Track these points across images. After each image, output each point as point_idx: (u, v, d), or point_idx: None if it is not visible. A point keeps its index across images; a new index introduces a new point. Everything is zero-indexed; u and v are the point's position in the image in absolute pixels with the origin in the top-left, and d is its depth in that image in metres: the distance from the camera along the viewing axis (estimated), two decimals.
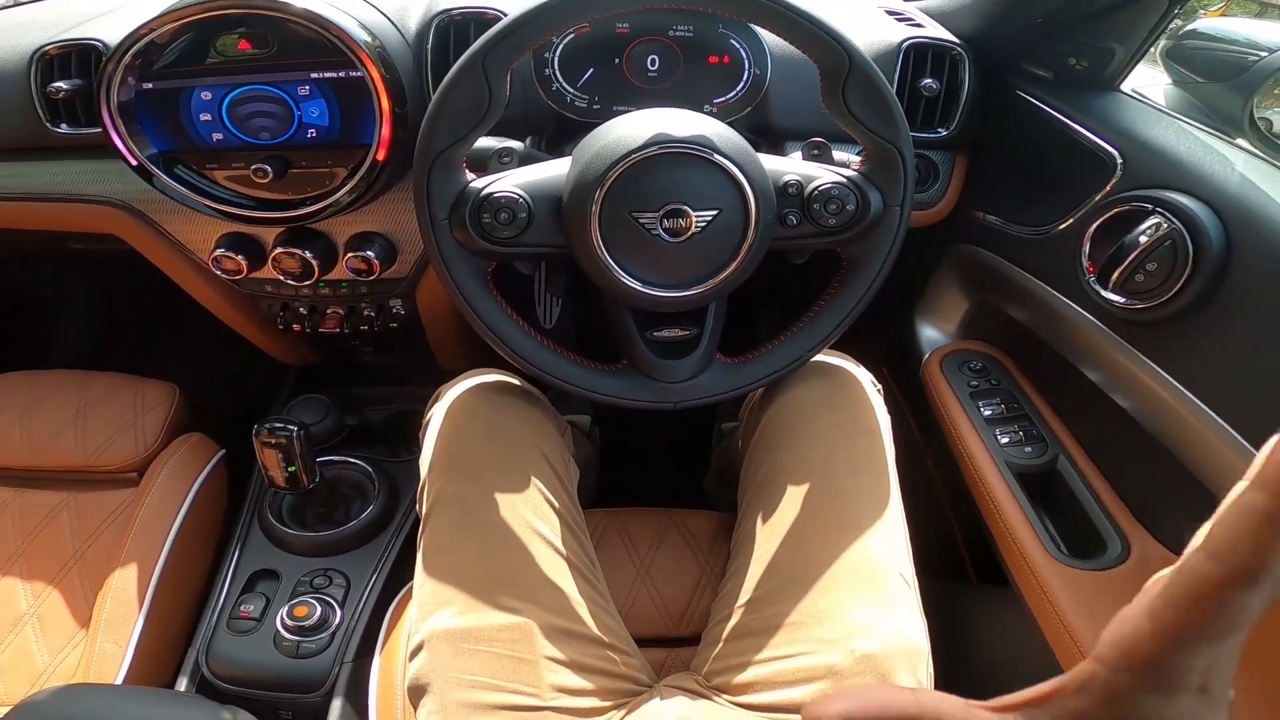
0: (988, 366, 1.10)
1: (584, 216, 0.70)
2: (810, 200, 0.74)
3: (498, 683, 0.70)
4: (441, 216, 0.73)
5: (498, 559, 0.75)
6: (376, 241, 1.03)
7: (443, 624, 0.72)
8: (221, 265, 1.01)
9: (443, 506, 0.79)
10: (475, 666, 0.70)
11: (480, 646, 0.71)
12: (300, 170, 0.92)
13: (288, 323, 1.17)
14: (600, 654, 0.75)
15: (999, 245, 1.04)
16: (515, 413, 0.86)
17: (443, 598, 0.74)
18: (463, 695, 0.69)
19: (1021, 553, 0.89)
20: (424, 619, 0.74)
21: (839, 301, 0.80)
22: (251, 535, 1.17)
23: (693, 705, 0.72)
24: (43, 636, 1.02)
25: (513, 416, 0.85)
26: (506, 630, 0.71)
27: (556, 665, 0.71)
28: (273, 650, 1.03)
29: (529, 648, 0.71)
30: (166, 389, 1.23)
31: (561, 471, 0.85)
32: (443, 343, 1.27)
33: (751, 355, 0.82)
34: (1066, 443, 0.98)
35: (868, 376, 0.89)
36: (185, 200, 0.93)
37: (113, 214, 1.04)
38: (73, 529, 1.11)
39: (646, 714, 0.71)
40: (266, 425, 1.00)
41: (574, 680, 0.72)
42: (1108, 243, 0.81)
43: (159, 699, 0.70)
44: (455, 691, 0.70)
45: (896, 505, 0.79)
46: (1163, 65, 1.15)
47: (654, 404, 0.80)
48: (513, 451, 0.82)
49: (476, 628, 0.72)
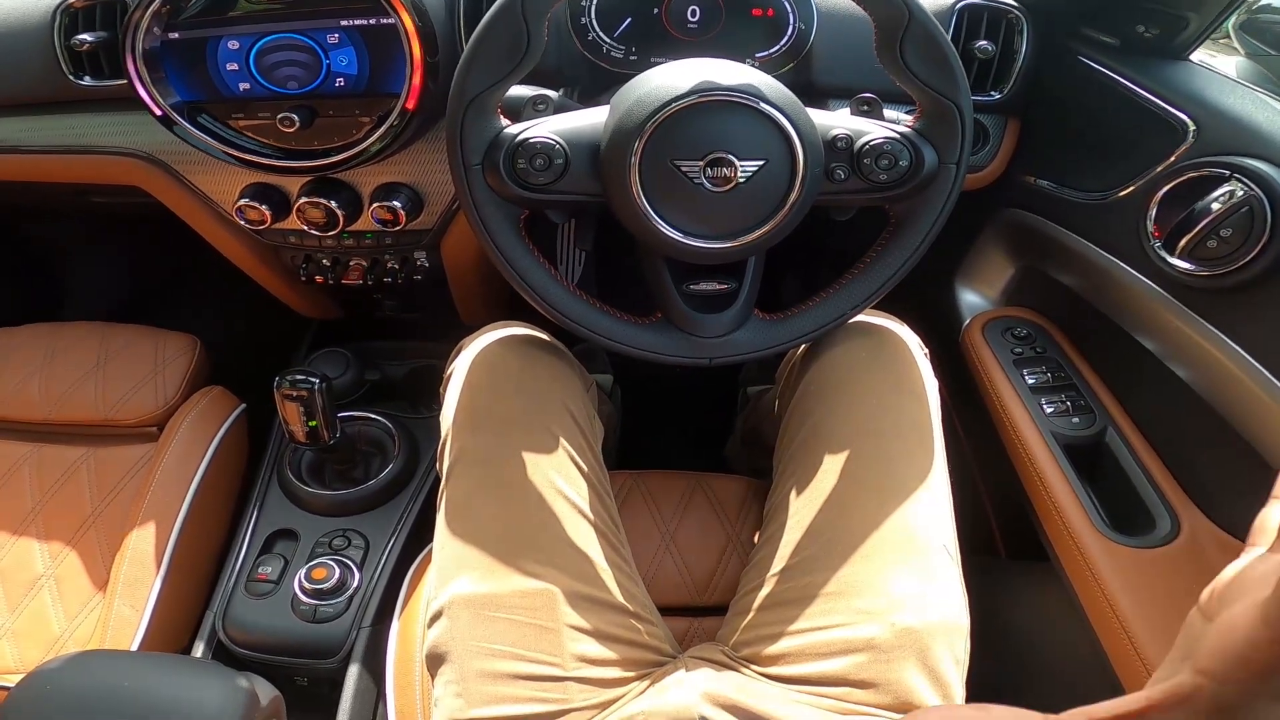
0: (1033, 334, 1.06)
1: (623, 163, 0.68)
2: (860, 155, 0.71)
3: (519, 651, 0.68)
4: (475, 161, 0.70)
5: (520, 521, 0.73)
6: (403, 192, 1.01)
7: (463, 589, 0.70)
8: (245, 215, 1.00)
9: (464, 465, 0.76)
10: (496, 634, 0.68)
11: (501, 613, 0.69)
12: (327, 119, 0.90)
13: (310, 275, 1.15)
14: (624, 623, 0.73)
15: (1051, 210, 1.01)
16: (541, 366, 0.83)
17: (463, 561, 0.72)
18: (483, 664, 0.68)
19: (1066, 527, 0.86)
20: (444, 584, 0.72)
21: (885, 259, 0.77)
22: (270, 493, 1.16)
23: (719, 677, 0.69)
24: (59, 600, 1.01)
25: (538, 370, 0.82)
26: (529, 596, 0.69)
27: (579, 634, 0.69)
28: (290, 614, 1.02)
29: (551, 615, 0.69)
30: (188, 341, 1.22)
31: (587, 429, 0.82)
32: (467, 297, 1.25)
33: (791, 312, 0.79)
34: (1116, 414, 0.95)
35: (915, 339, 0.85)
36: (208, 149, 0.91)
37: (136, 165, 1.03)
38: (92, 485, 1.10)
39: (670, 686, 0.69)
40: (288, 377, 0.98)
41: (597, 650, 0.70)
42: (1176, 209, 0.79)
43: (174, 666, 0.68)
44: (475, 660, 0.68)
45: (942, 473, 0.76)
46: (1235, 38, 1.16)
47: (689, 359, 0.77)
48: (538, 407, 0.79)
49: (497, 594, 0.70)
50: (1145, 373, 0.90)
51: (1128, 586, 0.80)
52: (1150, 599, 0.79)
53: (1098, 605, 0.81)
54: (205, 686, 0.64)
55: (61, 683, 0.62)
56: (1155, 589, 0.80)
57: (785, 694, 0.68)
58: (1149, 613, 0.78)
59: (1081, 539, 0.84)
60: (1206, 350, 0.78)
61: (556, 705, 0.67)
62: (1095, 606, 0.82)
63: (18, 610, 1.00)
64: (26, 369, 1.17)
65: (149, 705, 0.61)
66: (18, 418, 1.14)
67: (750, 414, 1.21)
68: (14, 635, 0.98)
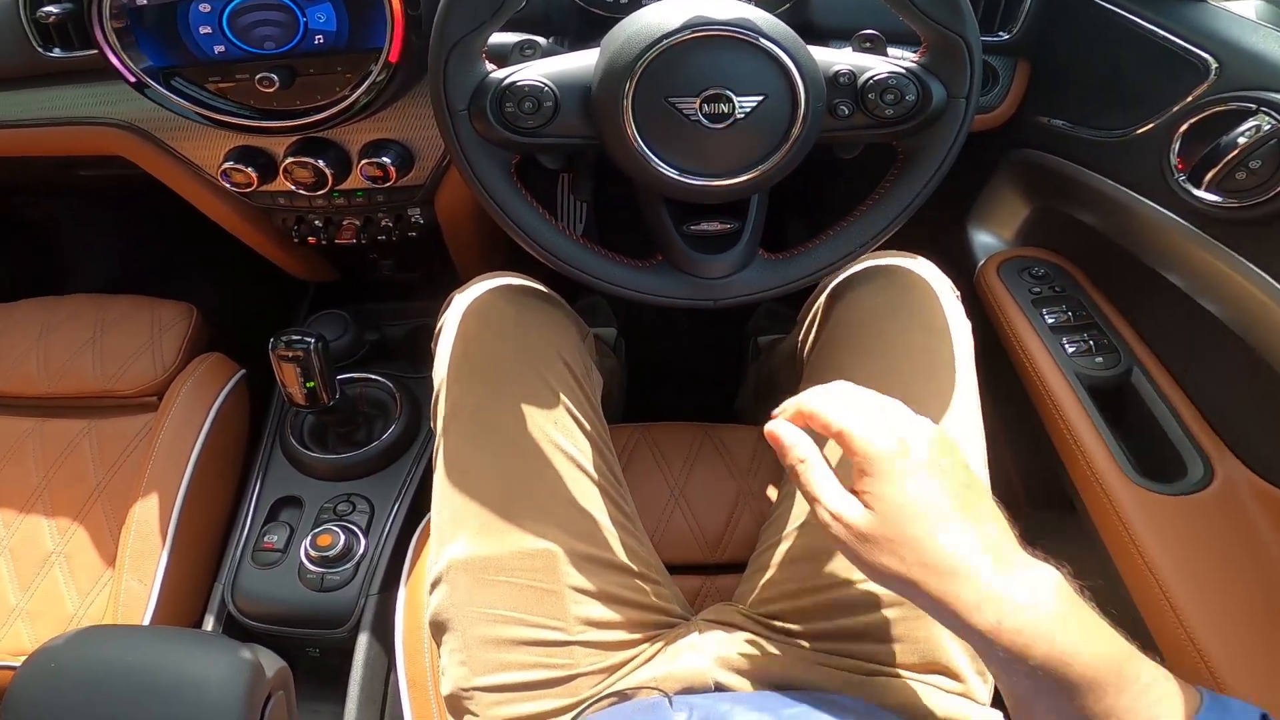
0: (1051, 273, 1.02)
1: (615, 103, 0.65)
2: (864, 90, 0.68)
3: (521, 616, 0.66)
4: (460, 107, 0.67)
5: (518, 479, 0.70)
6: (392, 148, 0.98)
7: (461, 553, 0.68)
8: (231, 178, 0.98)
9: (458, 420, 0.73)
10: (496, 599, 0.66)
11: (501, 577, 0.67)
12: (309, 78, 0.87)
13: (302, 236, 1.12)
14: (629, 583, 0.70)
15: (1066, 150, 0.98)
16: (534, 316, 0.79)
17: (460, 523, 0.69)
18: (484, 630, 0.66)
19: (1093, 474, 0.83)
20: (441, 546, 0.70)
21: (895, 194, 0.73)
22: (273, 460, 1.15)
23: (733, 640, 0.67)
24: (71, 578, 1.01)
25: (530, 319, 0.78)
26: (529, 558, 0.67)
27: (582, 596, 0.67)
28: (297, 583, 1.01)
29: (553, 577, 0.67)
30: (183, 309, 1.20)
31: (584, 381, 0.79)
32: (464, 253, 1.23)
33: (798, 250, 0.75)
34: (1141, 354, 0.92)
35: (946, 281, 0.81)
36: (184, 112, 0.88)
37: (117, 135, 1.00)
38: (95, 458, 1.09)
39: (683, 650, 0.67)
40: (284, 338, 0.96)
41: (602, 612, 0.68)
42: (1199, 144, 0.78)
43: (178, 639, 0.67)
44: (477, 626, 0.66)
45: (976, 418, 0.72)
46: None
47: (692, 301, 0.74)
48: (533, 358, 0.75)
49: (496, 556, 0.67)
50: (1172, 310, 0.87)
51: (1159, 536, 0.78)
52: (1183, 549, 0.77)
53: (1127, 556, 0.79)
54: (210, 659, 0.63)
55: (65, 660, 0.61)
56: (1188, 539, 0.77)
57: (804, 656, 0.66)
58: (1181, 564, 0.76)
59: (1109, 486, 0.81)
60: (1238, 283, 0.75)
61: (563, 670, 0.66)
62: (1125, 558, 0.79)
63: (30, 590, 1.00)
64: (24, 344, 1.16)
65: (153, 679, 0.60)
66: (18, 393, 1.14)
67: (763, 364, 1.17)
68: (29, 616, 0.99)
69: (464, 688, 0.67)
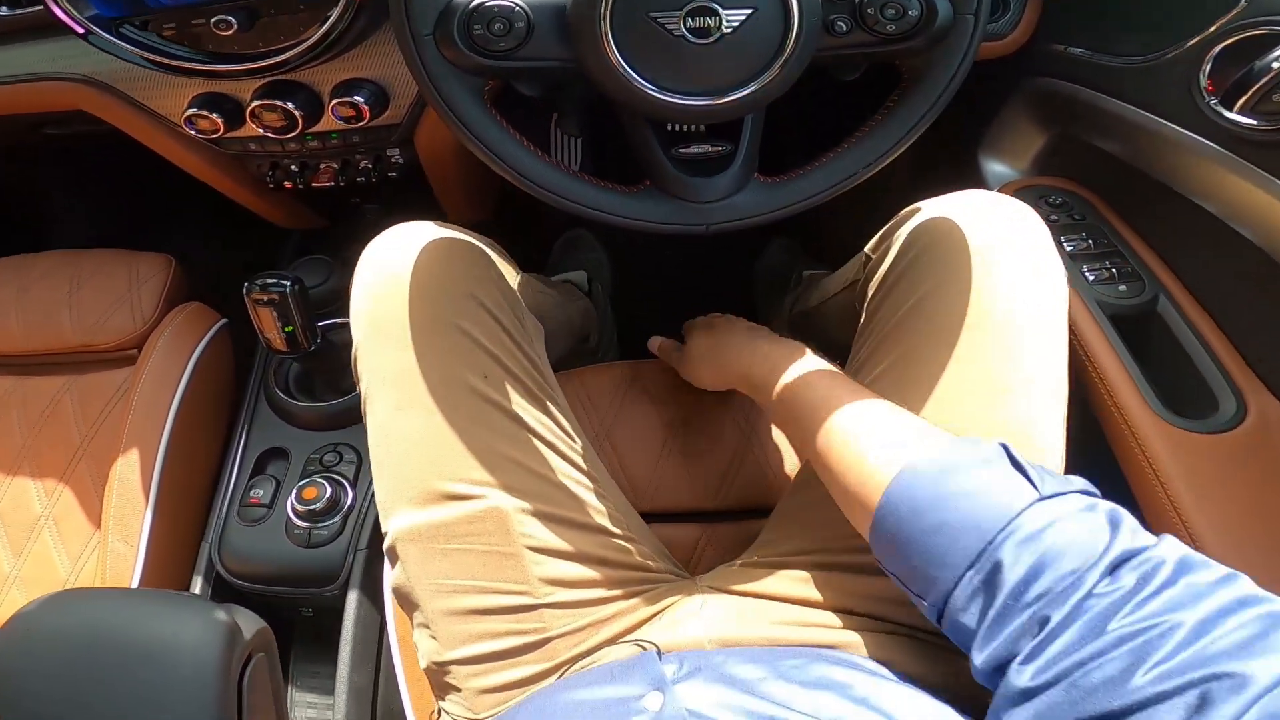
0: (1069, 201, 0.97)
1: (592, 20, 0.59)
2: (863, 5, 0.62)
3: (480, 584, 0.63)
4: (425, 31, 0.62)
5: (447, 441, 0.64)
6: (365, 87, 0.93)
7: (404, 523, 0.64)
8: (196, 125, 0.94)
9: (375, 384, 0.68)
10: (451, 569, 0.63)
11: (453, 544, 0.63)
12: (270, 18, 0.83)
13: (278, 181, 1.08)
14: (596, 540, 0.67)
15: (1086, 77, 0.94)
16: (445, 264, 0.71)
17: (398, 492, 0.65)
18: (446, 603, 0.63)
19: (1118, 408, 0.78)
20: (386, 520, 0.66)
21: (898, 116, 0.67)
22: (259, 411, 1.11)
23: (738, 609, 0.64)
24: (61, 542, 1.00)
25: (436, 263, 0.70)
26: (475, 522, 0.63)
27: (543, 556, 0.64)
28: (284, 540, 0.99)
29: (505, 539, 0.63)
30: (162, 260, 1.16)
31: (513, 328, 0.71)
32: (450, 193, 1.18)
33: (795, 173, 0.69)
34: (1167, 282, 0.86)
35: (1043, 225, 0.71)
36: (136, 60, 0.85)
37: (74, 89, 0.97)
38: (77, 415, 1.07)
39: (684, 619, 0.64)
40: (259, 281, 0.92)
41: (568, 570, 0.64)
42: (1231, 68, 0.75)
43: (152, 601, 0.65)
44: (437, 600, 0.63)
45: (1064, 381, 0.64)
46: None
47: (684, 226, 0.69)
48: (444, 309, 0.68)
49: (441, 522, 0.63)
50: (1201, 238, 0.82)
51: (1187, 475, 0.73)
52: (1212, 489, 0.72)
53: (1153, 496, 0.74)
54: (183, 622, 0.61)
55: (40, 625, 0.60)
56: (1218, 478, 0.73)
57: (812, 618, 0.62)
58: (1208, 506, 0.71)
59: (1134, 422, 0.77)
60: (1274, 207, 0.71)
61: (535, 635, 0.63)
62: (1150, 497, 0.75)
63: (23, 555, 0.99)
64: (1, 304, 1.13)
65: (126, 642, 0.58)
66: None
67: (801, 297, 1.11)
68: (22, 582, 0.98)
69: (438, 661, 0.64)
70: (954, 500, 0.49)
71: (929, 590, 0.49)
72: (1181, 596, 0.39)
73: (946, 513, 0.48)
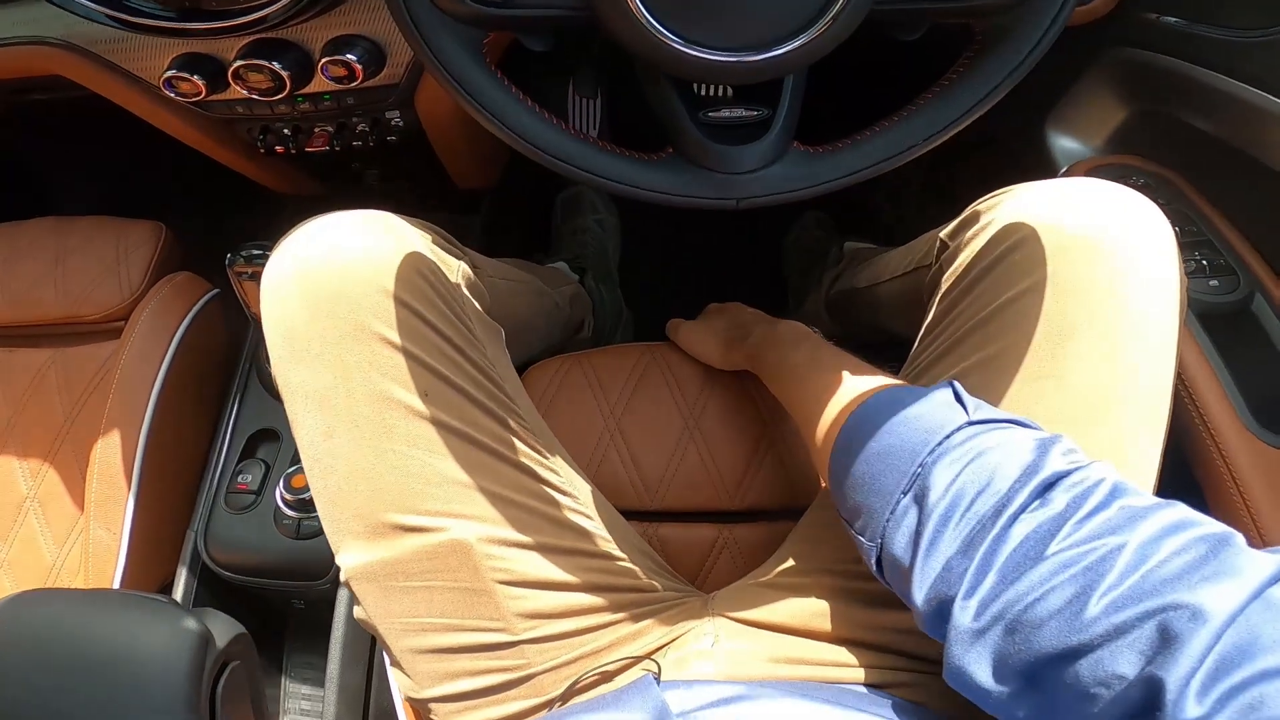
0: (1152, 183, 0.89)
1: None
2: None
3: (450, 622, 0.56)
4: None
5: (385, 467, 0.56)
6: (358, 44, 0.86)
7: (355, 561, 0.57)
8: (176, 88, 0.88)
9: (299, 406, 0.58)
10: (415, 607, 0.56)
11: (413, 582, 0.56)
12: None
13: (269, 146, 1.02)
14: (575, 564, 0.60)
15: (1181, 49, 0.88)
16: (367, 263, 0.58)
17: (343, 525, 0.57)
18: (414, 642, 0.57)
19: (1203, 419, 0.71)
20: (335, 553, 0.59)
21: (969, 82, 0.57)
22: (250, 389, 1.05)
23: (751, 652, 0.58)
24: (47, 525, 0.96)
25: (363, 269, 0.58)
26: (435, 558, 0.56)
27: (516, 589, 0.57)
28: (273, 530, 0.93)
29: (473, 575, 0.56)
30: (152, 228, 1.10)
31: (454, 333, 0.61)
32: (456, 158, 1.12)
33: (844, 143, 0.60)
34: (1265, 279, 0.78)
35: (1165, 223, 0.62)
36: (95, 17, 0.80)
37: (52, 53, 0.93)
38: (61, 391, 1.02)
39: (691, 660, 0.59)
40: (242, 253, 0.86)
41: (548, 601, 0.58)
42: None
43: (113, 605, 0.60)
44: (404, 639, 0.57)
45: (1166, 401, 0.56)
46: None
47: (710, 201, 0.59)
48: (365, 316, 0.57)
49: (396, 560, 0.56)
50: None
51: (1277, 498, 0.66)
52: None
53: (1236, 517, 0.68)
54: (148, 629, 0.57)
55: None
56: None
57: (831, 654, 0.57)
58: None
59: (1221, 434, 0.70)
60: None
61: (517, 672, 0.57)
62: (1233, 519, 0.68)
63: (9, 539, 0.96)
64: None
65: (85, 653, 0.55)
66: None
67: (846, 273, 1.03)
68: (9, 566, 0.95)
69: (415, 698, 0.58)
70: (893, 427, 0.49)
71: (868, 526, 0.49)
72: (1118, 519, 0.39)
73: (888, 438, 0.49)
